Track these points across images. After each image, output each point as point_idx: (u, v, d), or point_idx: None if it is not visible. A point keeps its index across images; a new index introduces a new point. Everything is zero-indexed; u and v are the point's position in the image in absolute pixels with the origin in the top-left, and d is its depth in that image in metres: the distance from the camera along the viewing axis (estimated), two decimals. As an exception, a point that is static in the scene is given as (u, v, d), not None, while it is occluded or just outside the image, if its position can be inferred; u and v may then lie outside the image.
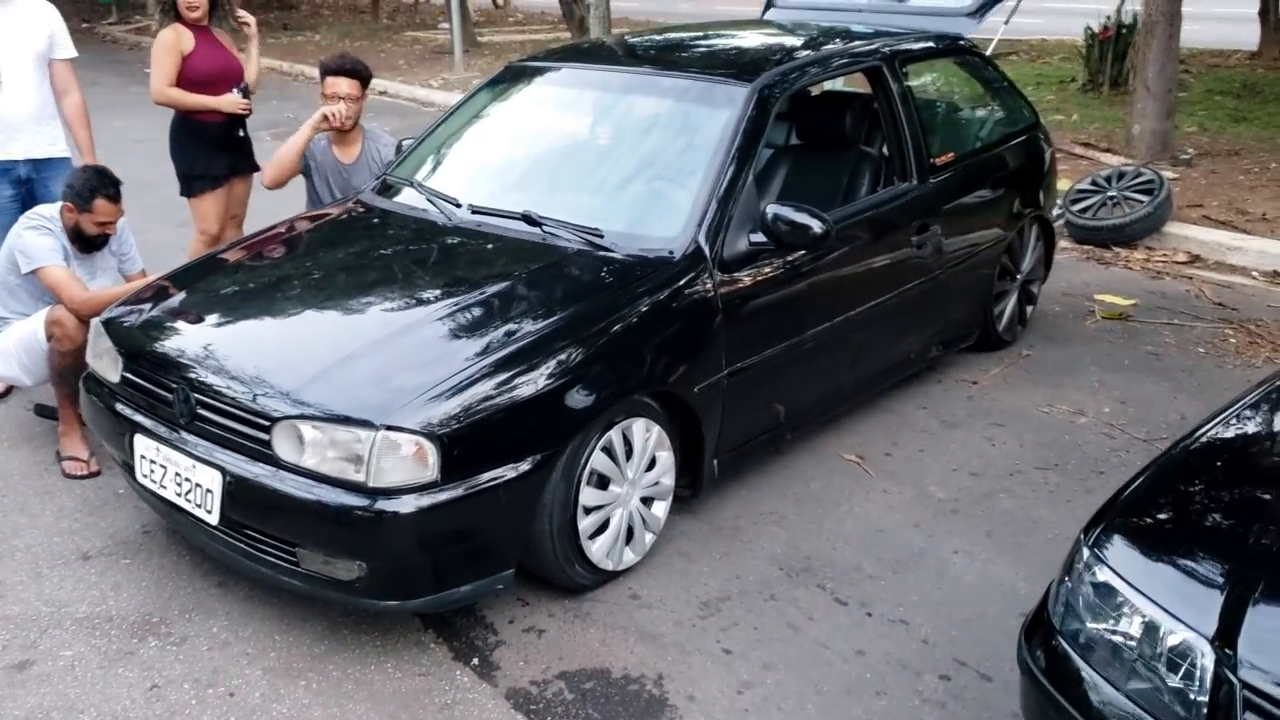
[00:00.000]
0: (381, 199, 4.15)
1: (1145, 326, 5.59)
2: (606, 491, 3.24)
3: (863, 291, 4.16)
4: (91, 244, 4.14)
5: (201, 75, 4.84)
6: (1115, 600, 2.00)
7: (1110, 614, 2.00)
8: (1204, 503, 2.25)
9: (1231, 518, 2.18)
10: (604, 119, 4.28)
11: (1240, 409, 2.50)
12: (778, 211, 3.56)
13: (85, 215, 4.05)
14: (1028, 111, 5.34)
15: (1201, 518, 2.20)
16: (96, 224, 4.08)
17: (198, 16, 4.83)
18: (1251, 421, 2.49)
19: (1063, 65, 12.90)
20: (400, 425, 2.80)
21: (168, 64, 4.80)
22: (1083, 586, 2.07)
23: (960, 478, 4.07)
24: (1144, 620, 1.94)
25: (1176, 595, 1.95)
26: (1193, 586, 1.96)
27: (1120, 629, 1.97)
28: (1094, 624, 2.02)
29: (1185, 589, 1.96)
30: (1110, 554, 2.07)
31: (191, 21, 4.83)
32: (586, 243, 3.56)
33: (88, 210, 4.03)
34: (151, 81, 4.81)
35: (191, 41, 4.83)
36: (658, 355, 3.35)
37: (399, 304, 3.36)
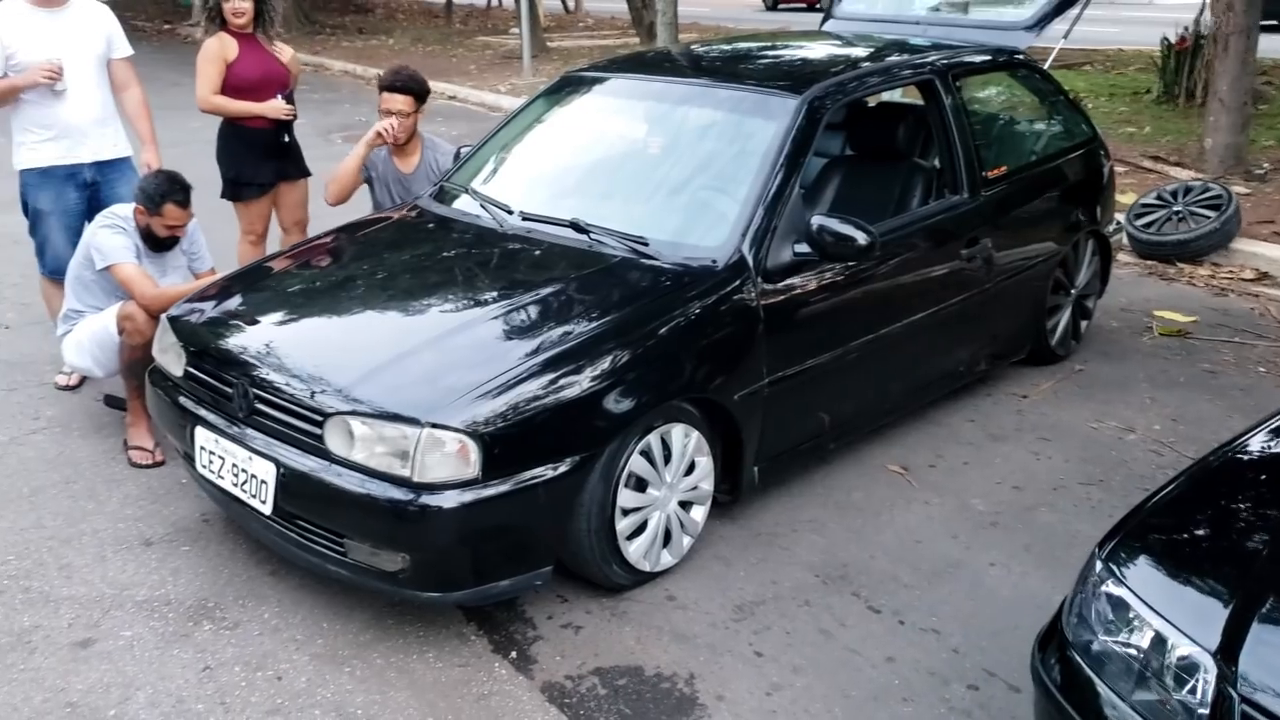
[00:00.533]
0: (438, 204, 4.28)
1: (1204, 344, 5.53)
2: (644, 494, 3.32)
3: (909, 304, 4.19)
4: (162, 244, 4.33)
5: (246, 82, 4.95)
6: (1126, 614, 2.03)
7: (1121, 627, 2.03)
8: (1221, 519, 2.26)
9: (1246, 535, 2.20)
10: (655, 128, 4.36)
11: (1270, 427, 2.50)
12: (823, 223, 3.62)
13: (156, 218, 4.23)
14: (1085, 125, 5.32)
15: (1216, 534, 2.22)
16: (166, 227, 4.26)
17: (243, 24, 4.94)
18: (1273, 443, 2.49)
19: (1138, 76, 12.72)
20: (445, 423, 2.91)
21: (211, 72, 4.91)
22: (1095, 599, 2.10)
23: (1003, 491, 4.08)
24: (1153, 633, 1.97)
25: (1185, 610, 1.97)
26: (1201, 601, 1.98)
27: (1130, 642, 2.00)
28: (1105, 636, 2.05)
29: (1194, 604, 1.98)
30: (1123, 568, 2.10)
31: (237, 29, 4.96)
32: (631, 250, 3.65)
33: (158, 214, 4.22)
34: (196, 89, 4.93)
35: (235, 49, 4.95)
36: (698, 362, 3.43)
37: (448, 307, 3.48)
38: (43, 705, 2.90)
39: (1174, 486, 2.36)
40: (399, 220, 4.27)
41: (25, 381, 4.94)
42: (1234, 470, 2.41)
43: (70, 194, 4.77)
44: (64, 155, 4.70)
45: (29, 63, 4.44)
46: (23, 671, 3.02)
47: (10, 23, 4.46)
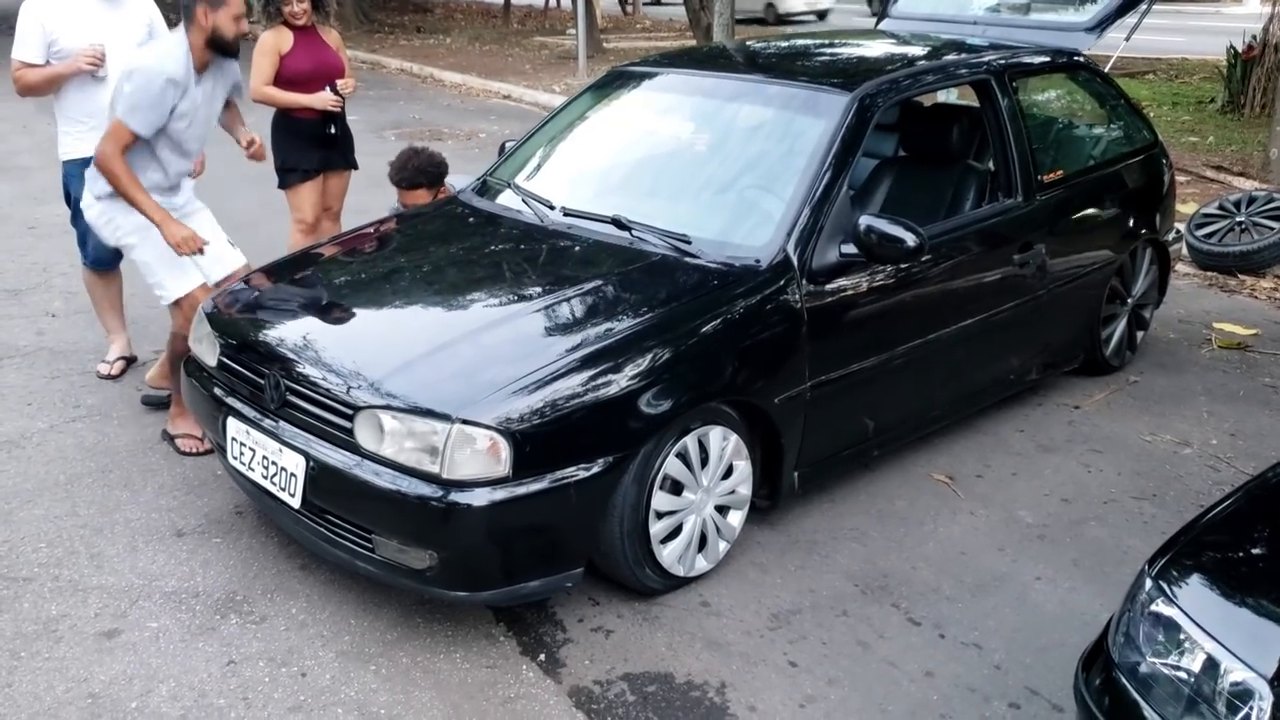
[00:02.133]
0: (479, 199, 4.24)
1: (1265, 358, 5.35)
2: (680, 497, 3.24)
3: (959, 309, 4.08)
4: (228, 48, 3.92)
5: (298, 74, 5.02)
6: (1176, 635, 1.92)
7: (1170, 649, 1.92)
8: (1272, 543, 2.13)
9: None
10: (702, 125, 4.28)
11: None
12: (871, 223, 3.52)
13: (221, 10, 3.80)
14: (1146, 131, 5.16)
15: (1275, 554, 2.09)
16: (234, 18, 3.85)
17: (303, 23, 5.02)
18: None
19: (1202, 85, 12.45)
20: (475, 420, 2.85)
21: (265, 65, 4.99)
22: (1143, 619, 1.99)
23: (1051, 503, 3.95)
24: (1204, 657, 1.86)
25: (1240, 632, 1.86)
26: (1257, 624, 1.87)
27: (1180, 665, 1.89)
28: (1154, 659, 1.94)
29: (1250, 626, 1.87)
30: (1175, 586, 1.99)
31: (296, 26, 5.02)
32: (673, 248, 3.57)
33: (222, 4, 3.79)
34: (250, 80, 4.92)
35: (290, 41, 5.01)
36: (738, 364, 3.34)
37: (484, 301, 3.43)
38: (65, 695, 2.88)
39: (1230, 503, 2.23)
40: (439, 214, 4.23)
41: (68, 370, 4.96)
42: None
43: None
44: None
45: (72, 49, 4.45)
46: (47, 660, 3.01)
47: (54, 8, 4.47)
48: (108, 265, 4.83)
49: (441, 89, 14.66)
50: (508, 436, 2.86)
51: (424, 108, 12.80)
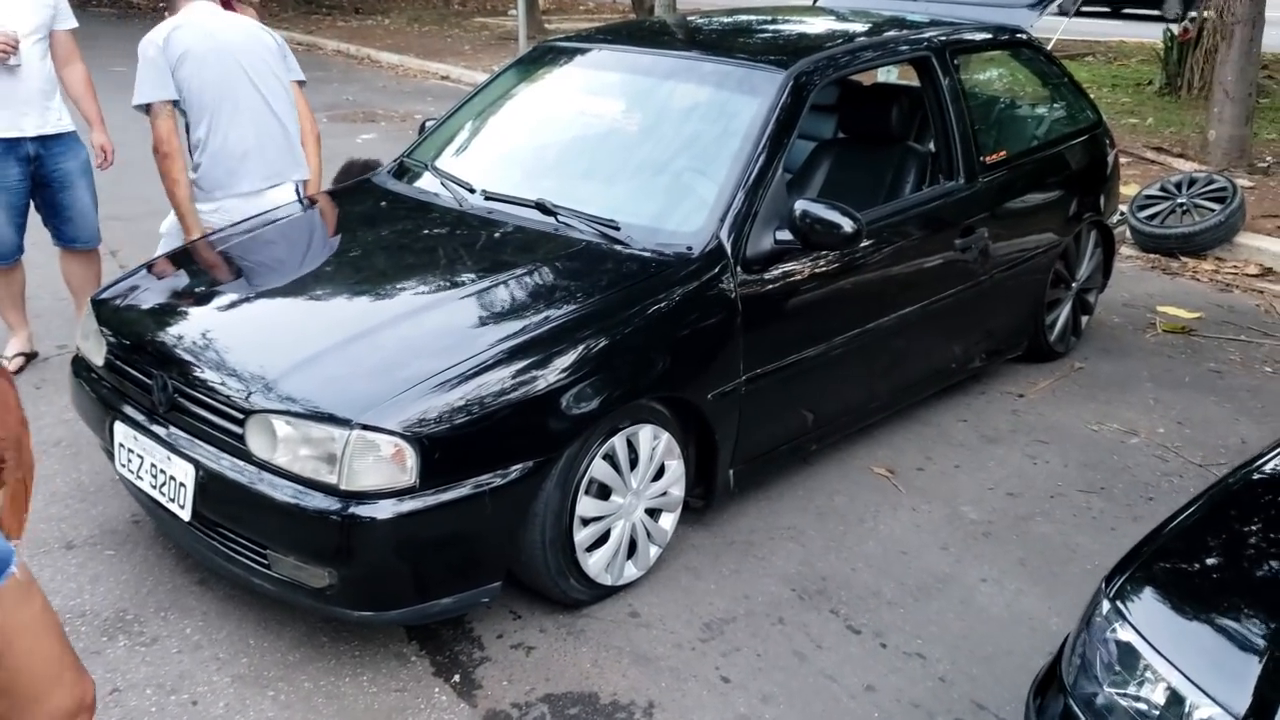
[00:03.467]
0: (394, 181, 3.98)
1: (1209, 341, 5.26)
2: (607, 502, 3.04)
3: (900, 296, 3.90)
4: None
5: None
6: (1136, 663, 1.74)
7: (1130, 678, 1.74)
8: (1251, 551, 1.97)
9: (1272, 575, 1.90)
10: (632, 103, 4.06)
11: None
12: (807, 208, 3.33)
13: None
14: (1090, 111, 5.03)
15: (1247, 569, 1.93)
16: None
17: None
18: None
19: (1140, 68, 12.43)
20: (377, 425, 2.62)
21: None
22: (1100, 644, 1.82)
23: (996, 498, 3.80)
24: (1167, 689, 1.69)
25: (1207, 662, 1.69)
26: (1227, 652, 1.70)
27: (1141, 696, 1.72)
28: (1111, 688, 1.77)
29: (1218, 655, 1.70)
30: (1134, 608, 1.81)
31: None
32: (601, 235, 3.36)
33: None
34: None
35: None
36: (669, 358, 3.14)
37: (391, 294, 3.18)
38: (-74, 732, 2.60)
39: (1192, 512, 2.07)
40: (349, 199, 3.97)
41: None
42: (1259, 493, 2.12)
43: (12, 168, 4.47)
44: (7, 128, 4.40)
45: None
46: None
47: None
48: (9, 259, 4.53)
49: (378, 70, 14.25)
50: (414, 443, 2.62)
51: (359, 89, 12.40)
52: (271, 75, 4.08)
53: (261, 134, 4.03)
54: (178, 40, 3.89)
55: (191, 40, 3.91)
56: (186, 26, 3.93)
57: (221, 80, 3.94)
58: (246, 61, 4.00)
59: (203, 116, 3.94)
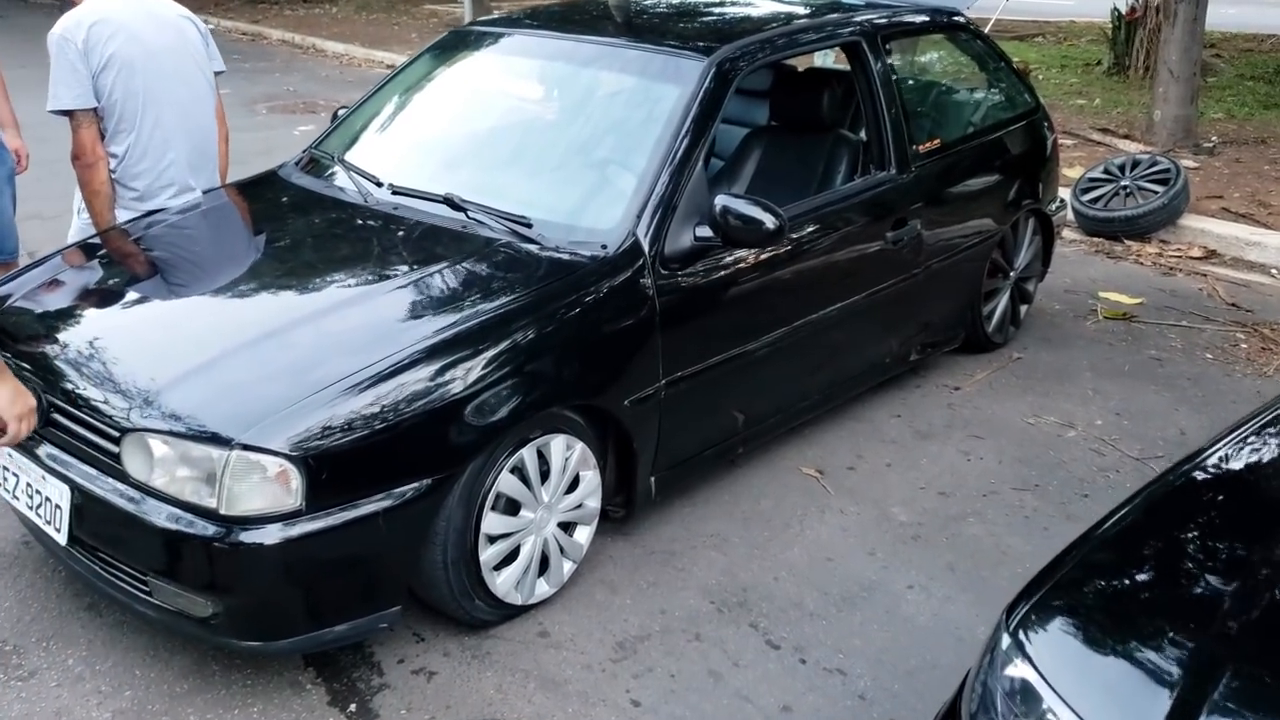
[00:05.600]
0: (300, 174, 3.80)
1: (1151, 328, 5.18)
2: (516, 517, 2.89)
3: (830, 291, 3.78)
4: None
5: None
6: (1037, 706, 1.62)
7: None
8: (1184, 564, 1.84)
9: (1203, 583, 1.79)
10: (550, 92, 3.90)
11: (1233, 441, 2.09)
12: (727, 204, 3.18)
13: None
14: (1028, 95, 4.92)
15: (1174, 588, 1.79)
16: None
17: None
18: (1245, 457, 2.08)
19: (1090, 47, 12.36)
20: (259, 444, 2.45)
21: None
22: (999, 681, 1.70)
23: (927, 497, 3.70)
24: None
25: (1110, 703, 1.57)
26: (1135, 692, 1.58)
27: (1041, 743, 1.60)
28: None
29: (1124, 696, 1.58)
30: (1036, 642, 1.69)
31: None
32: (511, 232, 3.20)
33: None
34: None
35: None
36: (582, 364, 3.00)
37: (284, 298, 3.02)
38: None
39: (1119, 518, 1.94)
40: (252, 194, 3.78)
41: None
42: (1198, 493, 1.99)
43: None
44: None
45: None
46: None
47: None
48: None
49: (323, 59, 13.92)
50: (300, 463, 2.46)
51: (301, 79, 12.09)
52: (199, 73, 3.81)
53: (187, 142, 3.75)
54: (98, 39, 3.54)
55: (116, 44, 3.56)
56: (105, 22, 3.57)
57: (148, 88, 3.63)
58: (174, 64, 3.71)
59: (125, 125, 3.63)
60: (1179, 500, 2.03)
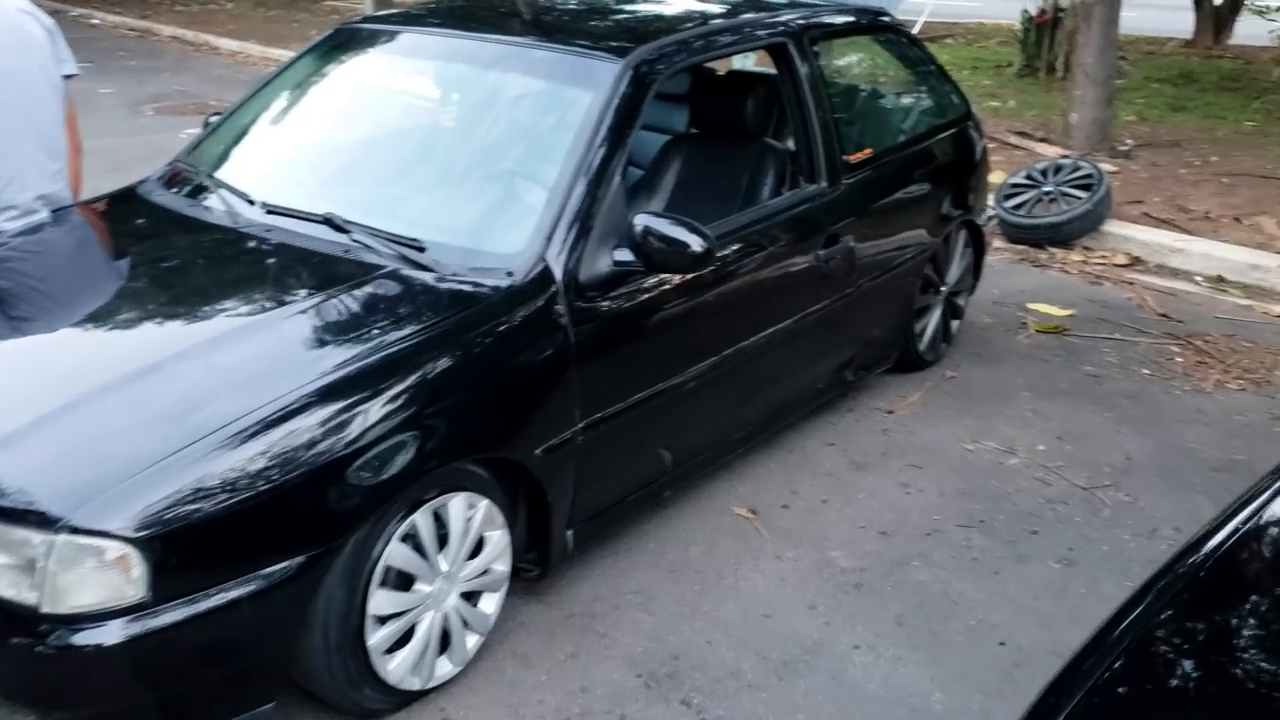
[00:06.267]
0: (162, 191, 3.34)
1: (1084, 342, 4.98)
2: (410, 593, 2.50)
3: (759, 316, 3.47)
4: None
5: None
6: None
7: None
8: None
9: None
10: (448, 97, 3.52)
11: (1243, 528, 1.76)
12: (649, 224, 2.84)
13: None
14: (958, 99, 4.66)
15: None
16: None
17: None
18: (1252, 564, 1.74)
19: (1000, 49, 12.33)
20: (92, 526, 2.03)
21: None
22: None
23: (868, 538, 3.40)
24: None
25: None
26: None
27: None
28: None
29: None
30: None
31: None
32: (402, 258, 2.80)
33: None
34: None
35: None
36: (484, 412, 2.62)
37: (131, 342, 2.58)
38: None
39: (1131, 629, 1.56)
40: (105, 213, 3.32)
41: None
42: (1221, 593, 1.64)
43: None
44: None
45: None
46: None
47: None
48: None
49: (216, 57, 13.23)
50: (143, 545, 2.05)
51: (193, 79, 11.41)
52: (42, 77, 3.31)
53: (28, 156, 3.26)
54: None
55: None
56: None
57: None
58: (8, 64, 3.22)
59: None
60: (1203, 604, 1.65)
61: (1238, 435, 4.10)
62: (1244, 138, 8.40)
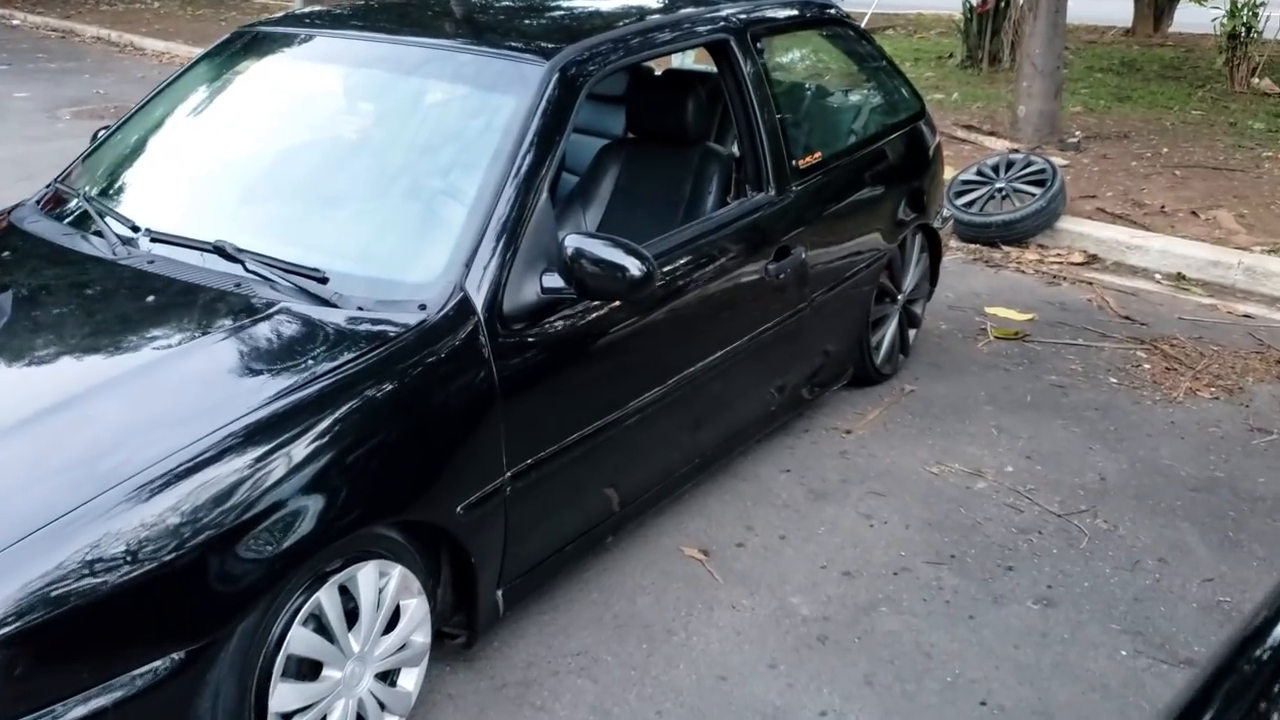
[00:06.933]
0: (37, 217, 2.97)
1: (1046, 348, 4.74)
2: (318, 682, 2.17)
3: (707, 338, 3.17)
4: None
5: None
6: None
7: None
8: None
9: None
10: (357, 107, 3.16)
11: None
12: (581, 246, 2.52)
13: None
14: (911, 97, 4.40)
15: None
16: None
17: None
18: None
19: (941, 40, 12.14)
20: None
21: None
22: None
23: (830, 580, 3.12)
24: None
25: None
26: None
27: None
28: None
29: None
30: None
31: None
32: (301, 291, 2.47)
33: None
34: None
35: None
36: (393, 471, 2.29)
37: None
38: None
39: None
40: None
41: None
42: None
43: None
44: None
45: None
46: None
47: None
48: None
49: (140, 58, 12.66)
50: (-23, 658, 1.71)
51: (114, 80, 10.87)
52: None
53: None
54: None
55: None
56: None
57: None
58: None
59: None
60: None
61: (1214, 449, 3.88)
62: (1191, 127, 8.26)
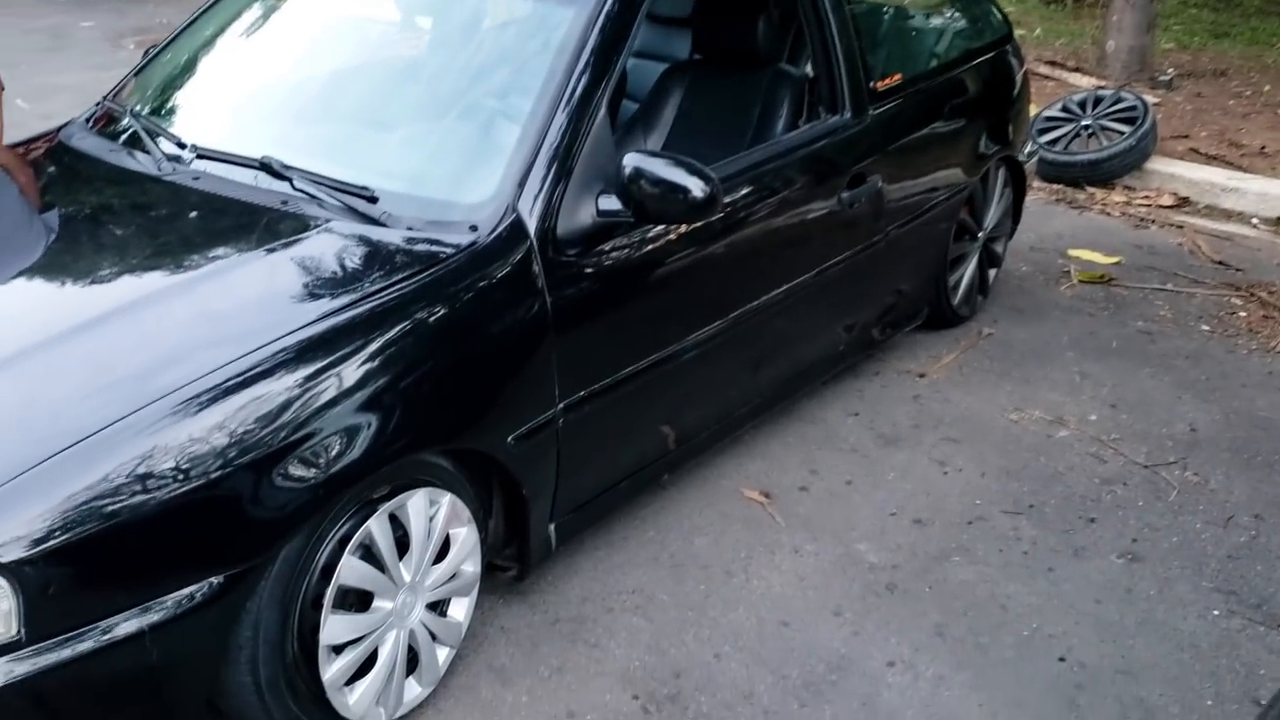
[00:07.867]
0: (86, 135, 2.89)
1: (1133, 293, 4.50)
2: (369, 613, 2.09)
3: (772, 270, 3.02)
4: None
5: None
6: None
7: None
8: None
9: None
10: (408, 21, 3.03)
11: None
12: (640, 165, 2.38)
13: None
14: (997, 19, 4.15)
15: None
16: None
17: None
18: None
19: (1023, -28, 11.69)
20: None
21: None
22: None
23: (900, 528, 2.97)
24: None
25: None
26: None
27: None
28: None
29: None
30: None
31: None
32: (349, 210, 2.36)
33: None
34: None
35: None
36: (445, 395, 2.19)
37: (17, 313, 2.14)
38: None
39: None
40: (22, 160, 2.87)
41: None
42: None
43: None
44: None
45: None
46: None
47: None
48: None
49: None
50: (11, 574, 1.64)
51: (177, 10, 10.80)
52: None
53: None
54: None
55: None
56: None
57: None
58: None
59: None
60: None
61: (1316, 401, 3.65)
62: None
